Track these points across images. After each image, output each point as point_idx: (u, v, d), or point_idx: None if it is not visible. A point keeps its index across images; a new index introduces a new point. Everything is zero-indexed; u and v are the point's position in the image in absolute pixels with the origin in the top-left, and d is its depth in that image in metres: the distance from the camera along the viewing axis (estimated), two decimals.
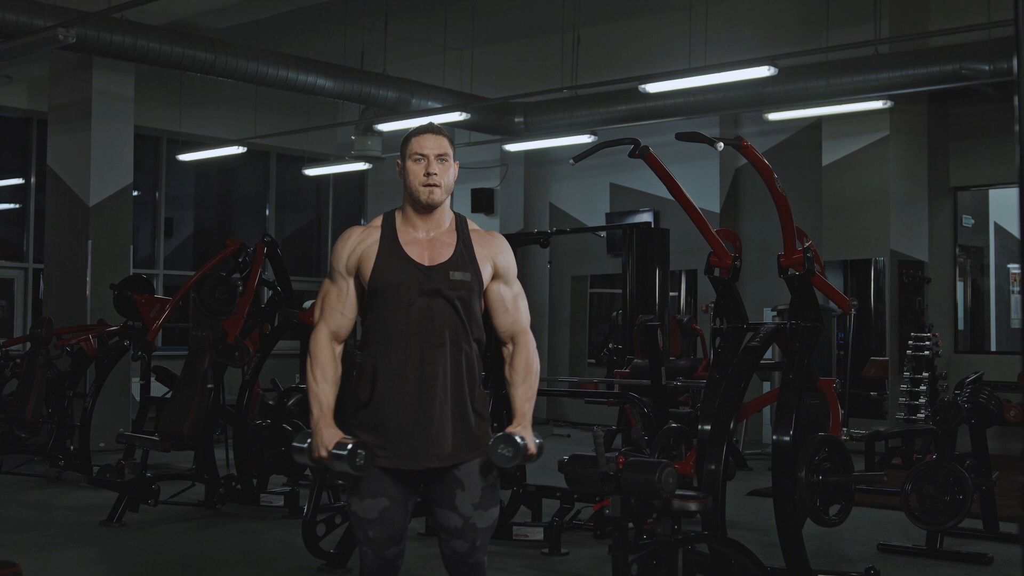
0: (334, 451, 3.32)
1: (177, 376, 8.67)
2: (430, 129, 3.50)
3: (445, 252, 3.44)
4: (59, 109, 11.89)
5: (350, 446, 3.31)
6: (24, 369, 9.51)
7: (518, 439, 3.37)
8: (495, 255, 3.53)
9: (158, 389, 9.71)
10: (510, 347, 3.56)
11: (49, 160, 11.94)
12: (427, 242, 3.45)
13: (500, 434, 3.40)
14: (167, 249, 15.00)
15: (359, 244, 3.47)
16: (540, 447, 3.45)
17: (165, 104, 13.56)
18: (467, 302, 3.42)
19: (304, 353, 10.15)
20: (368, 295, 3.45)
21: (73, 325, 10.40)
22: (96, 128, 11.45)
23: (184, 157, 13.91)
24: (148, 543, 6.83)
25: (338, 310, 3.49)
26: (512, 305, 3.57)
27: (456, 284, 3.40)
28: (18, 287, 13.67)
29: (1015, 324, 13.11)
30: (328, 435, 3.35)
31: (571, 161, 5.55)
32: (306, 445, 3.42)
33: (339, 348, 3.49)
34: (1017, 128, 1.72)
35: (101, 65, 11.29)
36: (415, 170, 3.44)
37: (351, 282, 3.48)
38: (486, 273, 3.49)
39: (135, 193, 12.25)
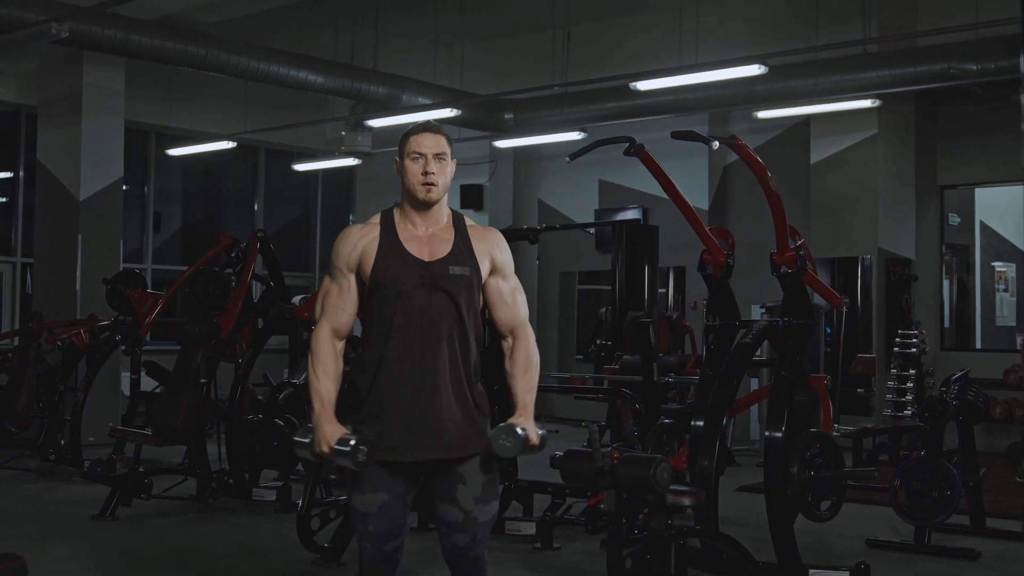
0: (336, 447, 3.34)
1: (168, 371, 8.68)
2: (428, 128, 3.54)
3: (444, 247, 3.48)
4: (49, 103, 11.87)
5: (352, 442, 3.32)
6: (14, 364, 9.51)
7: (519, 430, 3.42)
8: (492, 250, 3.57)
9: (147, 384, 9.71)
10: (510, 340, 3.60)
11: (39, 154, 11.90)
12: (426, 238, 3.49)
13: (502, 425, 3.44)
14: (155, 244, 14.98)
15: (360, 241, 3.50)
16: (543, 438, 3.49)
17: (155, 99, 13.52)
18: (467, 297, 3.46)
19: (294, 348, 10.16)
20: (369, 290, 3.47)
21: (63, 319, 10.39)
22: (86, 122, 11.42)
23: (173, 152, 13.89)
24: (141, 537, 6.85)
25: (340, 307, 3.51)
26: (511, 299, 3.62)
27: (456, 279, 3.44)
28: (6, 281, 13.64)
29: (1000, 322, 13.20)
30: (330, 431, 3.37)
31: (567, 159, 5.59)
32: (308, 440, 3.43)
33: (340, 345, 3.51)
34: None
35: (91, 59, 11.27)
36: (413, 169, 3.47)
37: (352, 279, 3.51)
38: (484, 268, 3.53)
39: (124, 187, 12.23)
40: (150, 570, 6.01)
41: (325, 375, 3.45)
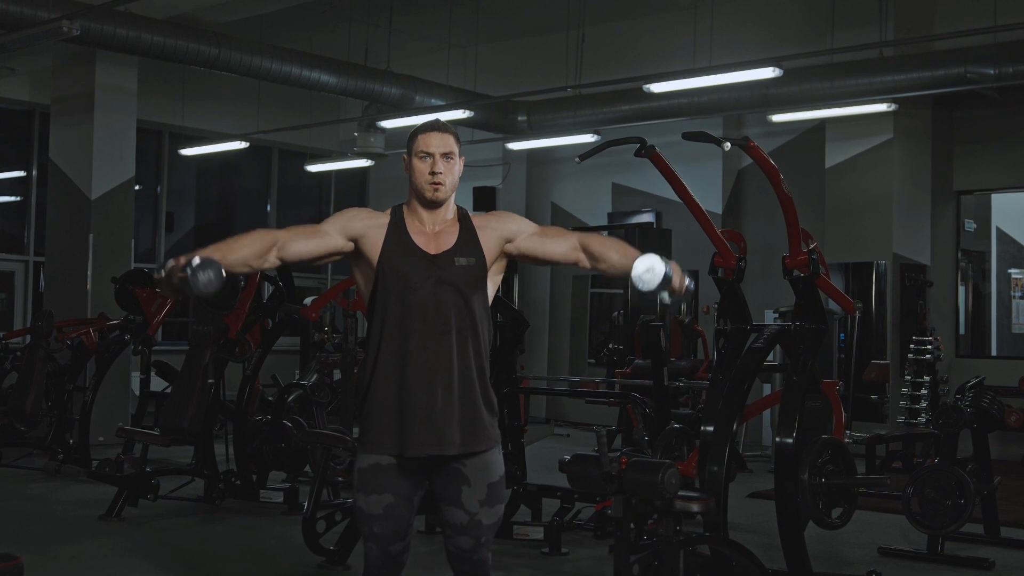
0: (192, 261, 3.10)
1: (177, 371, 8.66)
2: (436, 127, 3.49)
3: (449, 240, 3.44)
4: (61, 102, 11.88)
5: (198, 259, 3.10)
6: (24, 362, 9.51)
7: (662, 261, 3.32)
8: (499, 228, 3.52)
9: (158, 384, 9.69)
10: (582, 253, 3.54)
11: (51, 153, 11.92)
12: (433, 234, 3.46)
13: (642, 256, 3.35)
14: (168, 244, 14.98)
15: (367, 220, 3.46)
16: (686, 283, 3.42)
17: (168, 98, 13.52)
18: (474, 288, 3.42)
19: (305, 349, 10.07)
20: (375, 282, 3.42)
21: (74, 318, 10.39)
22: (99, 121, 11.43)
23: (186, 151, 13.88)
24: (147, 538, 6.81)
25: (302, 237, 3.40)
26: (552, 233, 3.58)
27: (461, 270, 3.39)
28: (18, 280, 13.65)
29: (1016, 329, 13.09)
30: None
31: (577, 159, 5.53)
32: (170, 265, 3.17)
33: (271, 258, 3.34)
34: None
35: (104, 58, 11.28)
36: (421, 168, 3.44)
37: (334, 238, 3.42)
38: (492, 253, 3.48)
39: (136, 187, 12.23)
40: (155, 571, 5.97)
41: (237, 246, 3.28)
